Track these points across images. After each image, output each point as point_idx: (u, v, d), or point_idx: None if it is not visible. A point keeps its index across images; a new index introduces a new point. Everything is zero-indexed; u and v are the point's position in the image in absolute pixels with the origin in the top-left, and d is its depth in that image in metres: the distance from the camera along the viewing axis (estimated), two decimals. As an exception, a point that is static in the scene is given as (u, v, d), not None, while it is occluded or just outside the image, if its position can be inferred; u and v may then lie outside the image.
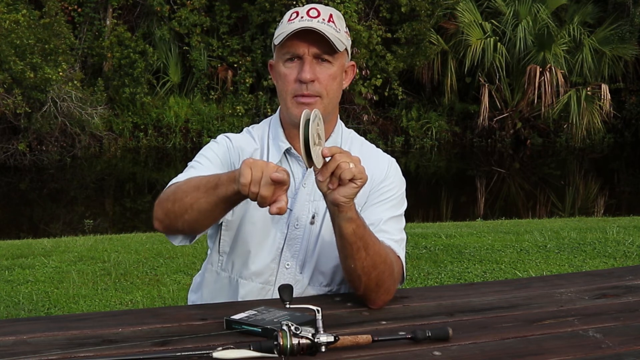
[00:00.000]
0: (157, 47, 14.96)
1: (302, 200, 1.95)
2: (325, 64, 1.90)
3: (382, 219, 1.94)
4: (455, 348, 1.58)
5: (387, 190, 1.99)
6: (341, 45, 1.90)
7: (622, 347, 1.59)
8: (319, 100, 1.90)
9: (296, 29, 1.85)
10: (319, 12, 1.90)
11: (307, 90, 1.88)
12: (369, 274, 1.78)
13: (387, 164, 2.04)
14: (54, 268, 5.41)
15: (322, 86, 1.90)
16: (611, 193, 12.30)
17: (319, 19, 1.88)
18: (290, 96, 1.91)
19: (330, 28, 1.88)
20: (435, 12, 15.15)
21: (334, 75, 1.92)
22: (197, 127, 14.71)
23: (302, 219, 1.95)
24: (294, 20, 1.89)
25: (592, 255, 5.52)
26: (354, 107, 14.98)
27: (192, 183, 1.76)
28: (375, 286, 1.80)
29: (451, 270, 5.14)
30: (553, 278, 2.42)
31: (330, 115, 1.96)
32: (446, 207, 11.16)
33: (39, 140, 12.97)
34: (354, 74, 2.03)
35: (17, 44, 12.01)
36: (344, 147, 2.00)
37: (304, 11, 1.90)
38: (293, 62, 1.90)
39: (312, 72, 1.88)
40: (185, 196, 1.75)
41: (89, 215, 9.78)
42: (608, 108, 15.42)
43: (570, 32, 15.91)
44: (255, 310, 1.70)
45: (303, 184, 1.96)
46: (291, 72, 1.90)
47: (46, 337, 1.63)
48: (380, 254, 1.80)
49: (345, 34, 1.93)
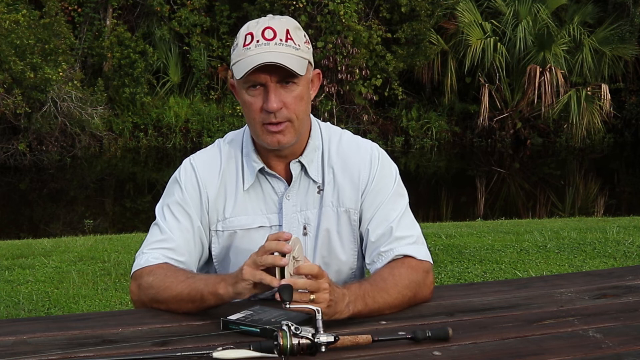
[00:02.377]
0: (157, 47, 14.96)
1: (289, 213, 1.92)
2: (290, 86, 1.82)
3: (392, 226, 1.91)
4: (455, 348, 1.58)
5: (380, 189, 1.95)
6: (303, 66, 1.82)
7: (622, 347, 1.59)
8: (289, 124, 1.84)
9: (255, 65, 1.77)
10: (275, 32, 1.81)
11: (275, 118, 1.82)
12: (398, 309, 1.82)
13: (370, 157, 1.97)
14: (54, 268, 5.41)
15: (291, 110, 1.82)
16: (611, 193, 12.30)
17: (275, 40, 1.79)
18: (259, 125, 1.84)
19: (289, 48, 1.80)
20: (435, 12, 15.15)
21: (300, 96, 1.84)
22: (197, 127, 14.71)
23: (293, 231, 1.88)
24: (249, 46, 1.80)
25: (592, 255, 5.51)
26: (354, 107, 14.98)
27: (172, 293, 1.79)
28: (408, 306, 1.84)
29: (451, 270, 5.14)
30: (553, 278, 2.42)
31: (303, 129, 1.90)
32: (446, 207, 11.15)
33: (39, 140, 12.97)
34: (320, 81, 1.96)
35: (17, 44, 12.02)
36: (324, 147, 1.96)
37: (259, 33, 1.80)
38: (256, 89, 1.82)
39: (277, 100, 1.80)
40: (168, 303, 1.81)
41: (89, 215, 9.78)
42: (608, 108, 15.41)
43: (570, 32, 15.90)
44: (251, 310, 1.70)
45: (287, 196, 1.92)
46: (256, 100, 1.83)
47: (46, 337, 1.63)
48: (398, 299, 1.81)
49: (305, 45, 1.85)
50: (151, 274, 1.84)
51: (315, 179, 1.94)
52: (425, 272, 1.88)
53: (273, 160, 1.93)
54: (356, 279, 2.01)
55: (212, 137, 14.20)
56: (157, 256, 1.87)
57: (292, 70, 1.79)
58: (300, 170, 1.93)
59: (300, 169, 1.93)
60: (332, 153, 1.97)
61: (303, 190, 1.94)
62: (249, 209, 1.93)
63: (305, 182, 1.94)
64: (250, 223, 1.92)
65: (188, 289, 1.76)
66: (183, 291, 1.76)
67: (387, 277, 1.82)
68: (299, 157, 1.92)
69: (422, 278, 1.87)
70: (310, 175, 1.93)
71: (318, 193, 1.94)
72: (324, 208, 1.94)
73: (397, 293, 1.79)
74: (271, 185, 1.93)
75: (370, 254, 1.93)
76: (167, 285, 1.79)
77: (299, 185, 1.94)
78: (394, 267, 1.86)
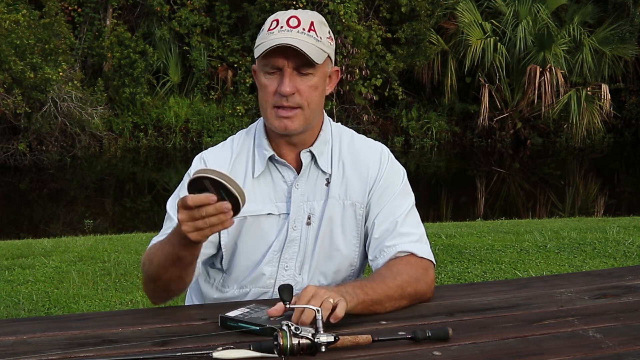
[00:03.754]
0: (157, 47, 14.97)
1: (297, 202, 1.95)
2: (306, 76, 1.87)
3: (397, 221, 1.94)
4: (455, 348, 1.58)
5: (387, 186, 1.98)
6: (321, 56, 1.87)
7: (622, 347, 1.59)
8: (299, 111, 1.88)
9: (274, 45, 1.83)
10: (299, 21, 1.87)
11: (287, 102, 1.87)
12: (399, 306, 1.81)
13: (380, 155, 2.02)
14: (54, 268, 5.41)
15: (303, 98, 1.87)
16: (611, 193, 12.30)
17: (298, 29, 1.85)
18: (270, 107, 1.90)
19: (310, 38, 1.85)
20: (435, 12, 15.16)
21: (315, 86, 1.89)
22: (197, 127, 14.71)
23: (298, 220, 1.94)
24: (273, 30, 1.86)
25: (592, 255, 5.51)
26: (354, 107, 14.99)
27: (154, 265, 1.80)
28: (409, 302, 1.84)
29: (451, 270, 5.15)
30: (553, 278, 2.42)
31: (315, 120, 1.94)
32: (446, 207, 11.15)
33: (39, 140, 12.97)
34: (338, 79, 2.01)
35: (17, 44, 12.02)
36: (334, 142, 2.00)
37: (284, 20, 1.87)
38: (273, 73, 1.88)
39: (291, 85, 1.85)
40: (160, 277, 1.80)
41: (89, 215, 9.78)
42: (608, 108, 15.42)
43: (570, 32, 15.91)
44: (247, 308, 1.70)
45: (296, 185, 1.95)
46: (271, 83, 1.88)
47: (46, 337, 1.63)
48: (398, 292, 1.80)
49: (328, 40, 1.90)
50: (145, 255, 1.88)
51: (324, 169, 1.96)
52: (424, 269, 1.89)
53: (284, 148, 1.96)
54: (355, 275, 2.03)
55: (212, 137, 14.21)
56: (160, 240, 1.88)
57: (308, 56, 1.83)
58: (311, 160, 1.96)
59: (310, 158, 1.96)
60: (343, 148, 2.00)
61: (312, 180, 1.97)
62: (258, 196, 1.94)
63: (314, 173, 1.97)
64: (260, 210, 1.94)
65: (164, 254, 1.76)
66: (162, 260, 1.77)
67: (384, 272, 1.85)
68: (310, 147, 1.96)
69: (421, 274, 1.87)
70: (320, 166, 1.96)
71: (326, 185, 1.97)
72: (330, 199, 1.96)
73: (395, 286, 1.80)
74: (281, 174, 1.96)
75: (374, 250, 1.94)
76: (150, 259, 1.83)
77: (308, 174, 1.96)
78: (393, 265, 1.88)
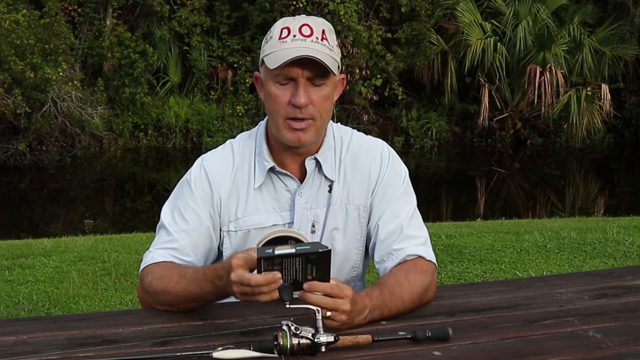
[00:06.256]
0: (157, 47, 14.96)
1: (300, 210, 1.93)
2: (319, 87, 1.84)
3: (403, 224, 1.92)
4: (455, 348, 1.58)
5: (390, 186, 1.97)
6: (335, 66, 1.84)
7: (622, 347, 1.59)
8: (311, 122, 1.85)
9: (293, 57, 1.77)
10: (311, 29, 1.82)
11: (301, 113, 1.83)
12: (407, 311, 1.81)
13: (380, 155, 1.99)
14: (54, 268, 5.41)
15: (316, 109, 1.84)
16: (611, 193, 12.29)
17: (312, 38, 1.81)
18: (282, 118, 1.85)
19: (324, 47, 1.82)
20: (435, 12, 15.15)
21: (327, 96, 1.86)
22: (197, 127, 14.70)
23: (302, 229, 1.92)
24: (286, 39, 1.81)
25: (592, 255, 5.51)
26: (354, 107, 14.98)
27: (183, 293, 1.76)
28: (416, 308, 1.83)
29: (451, 270, 5.14)
30: (553, 278, 2.41)
31: (323, 129, 1.92)
32: (446, 207, 11.15)
33: (39, 140, 12.96)
34: (343, 87, 1.98)
35: (17, 44, 12.01)
36: (336, 147, 1.98)
37: (296, 28, 1.82)
38: (286, 83, 1.83)
39: (306, 96, 1.81)
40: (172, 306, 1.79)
41: (89, 215, 9.78)
42: (608, 108, 15.41)
43: (570, 32, 15.91)
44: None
45: (299, 193, 1.94)
46: (284, 94, 1.83)
47: (46, 337, 1.63)
48: (409, 308, 1.80)
49: (337, 48, 1.87)
50: (150, 273, 1.84)
51: (329, 176, 1.95)
52: (431, 275, 1.89)
53: (287, 158, 1.93)
54: (358, 277, 2.02)
55: (212, 137, 14.21)
56: (163, 254, 1.87)
57: (327, 67, 1.80)
58: (315, 167, 1.95)
59: (315, 165, 1.95)
60: (344, 150, 1.99)
61: (315, 187, 1.95)
62: (261, 208, 1.93)
63: (317, 180, 1.95)
64: (264, 222, 1.92)
65: (187, 291, 1.75)
66: (182, 296, 1.76)
67: (403, 283, 1.80)
68: (315, 155, 1.94)
69: (429, 282, 1.87)
70: (325, 173, 1.95)
71: (329, 192, 1.96)
72: (332, 206, 1.95)
73: (410, 302, 1.80)
74: (283, 182, 1.94)
75: (380, 252, 1.93)
76: (164, 287, 1.79)
77: (312, 182, 1.95)
78: (409, 272, 1.84)
